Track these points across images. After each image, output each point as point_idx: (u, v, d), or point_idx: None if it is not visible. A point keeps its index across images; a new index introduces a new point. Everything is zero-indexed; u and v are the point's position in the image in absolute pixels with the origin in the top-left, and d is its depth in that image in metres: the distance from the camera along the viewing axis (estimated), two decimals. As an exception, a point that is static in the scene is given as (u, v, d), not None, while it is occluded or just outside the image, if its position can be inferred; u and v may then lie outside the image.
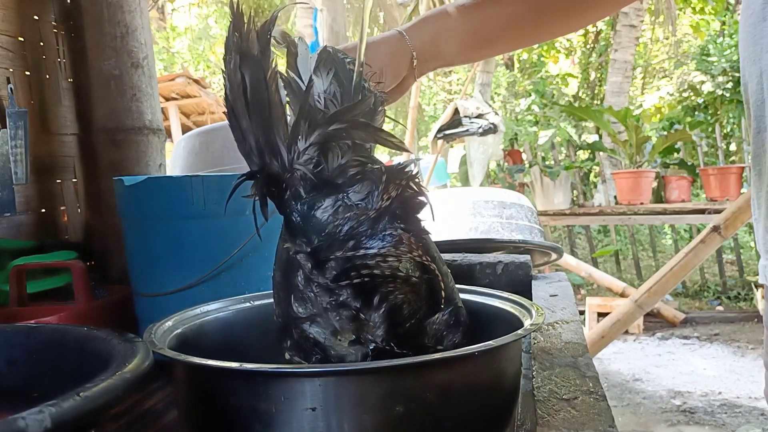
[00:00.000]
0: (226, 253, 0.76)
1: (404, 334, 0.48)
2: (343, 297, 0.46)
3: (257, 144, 0.46)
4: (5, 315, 0.86)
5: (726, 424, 2.94)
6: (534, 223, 1.22)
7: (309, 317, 0.47)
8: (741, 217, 2.76)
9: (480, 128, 4.64)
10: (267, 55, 0.45)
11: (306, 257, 0.47)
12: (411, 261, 0.48)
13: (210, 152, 1.10)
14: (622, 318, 2.99)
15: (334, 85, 0.48)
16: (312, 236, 0.46)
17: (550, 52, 10.01)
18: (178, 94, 5.46)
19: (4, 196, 1.03)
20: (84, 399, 0.32)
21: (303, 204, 0.47)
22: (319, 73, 0.48)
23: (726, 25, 8.35)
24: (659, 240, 6.69)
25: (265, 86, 0.45)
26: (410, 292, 0.48)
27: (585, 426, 0.43)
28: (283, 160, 0.46)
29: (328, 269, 0.46)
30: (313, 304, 0.47)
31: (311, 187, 0.46)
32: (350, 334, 0.47)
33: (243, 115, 0.45)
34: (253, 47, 0.45)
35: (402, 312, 0.47)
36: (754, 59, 0.71)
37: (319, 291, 0.47)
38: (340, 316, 0.47)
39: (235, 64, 0.45)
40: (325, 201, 0.47)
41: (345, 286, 0.46)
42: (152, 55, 1.16)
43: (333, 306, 0.47)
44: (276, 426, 0.41)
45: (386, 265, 0.46)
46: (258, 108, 0.45)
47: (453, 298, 0.53)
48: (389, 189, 0.47)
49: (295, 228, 0.47)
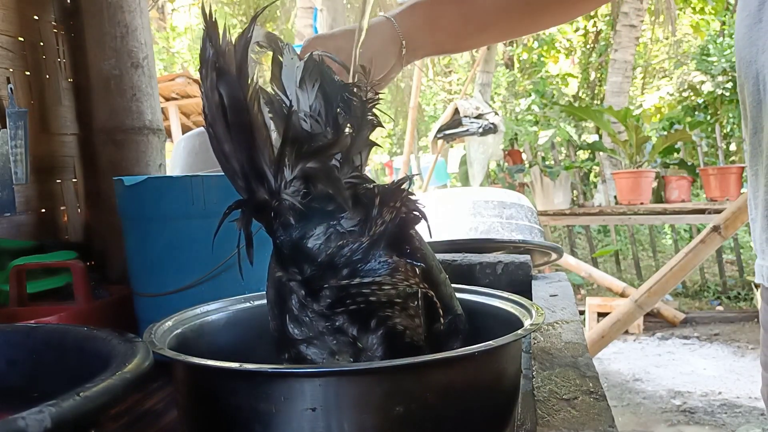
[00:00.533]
0: (226, 253, 0.76)
1: (403, 352, 0.46)
2: (339, 323, 0.45)
3: (242, 169, 0.43)
4: (5, 315, 0.86)
5: (726, 424, 2.94)
6: (534, 223, 1.22)
7: (305, 339, 0.46)
8: (741, 217, 2.76)
9: (480, 128, 4.64)
10: (245, 72, 0.41)
11: (299, 285, 0.45)
12: (408, 288, 0.46)
13: (210, 152, 1.09)
14: (622, 318, 2.99)
15: (319, 100, 0.46)
16: (304, 266, 0.45)
17: (550, 52, 10.00)
18: (178, 94, 5.46)
19: (4, 196, 1.03)
20: (84, 399, 0.32)
21: (293, 233, 0.45)
22: (305, 87, 0.45)
23: (726, 25, 8.35)
24: (659, 240, 6.69)
25: (246, 108, 0.41)
26: (407, 317, 0.47)
27: (585, 426, 0.43)
28: (270, 186, 0.43)
29: (323, 297, 0.45)
30: (308, 327, 0.46)
31: (300, 216, 0.45)
32: (348, 357, 0.46)
33: (224, 138, 0.42)
34: (230, 64, 0.41)
35: (399, 334, 0.47)
36: (751, 60, 0.71)
37: (314, 316, 0.45)
38: (338, 341, 0.46)
39: (212, 82, 0.41)
40: (316, 229, 0.45)
41: (341, 312, 0.45)
42: (152, 55, 1.16)
43: (329, 330, 0.46)
44: (276, 426, 0.41)
45: (382, 293, 0.45)
46: (239, 131, 0.42)
47: (452, 307, 0.52)
48: (383, 213, 0.45)
49: (287, 257, 0.46)
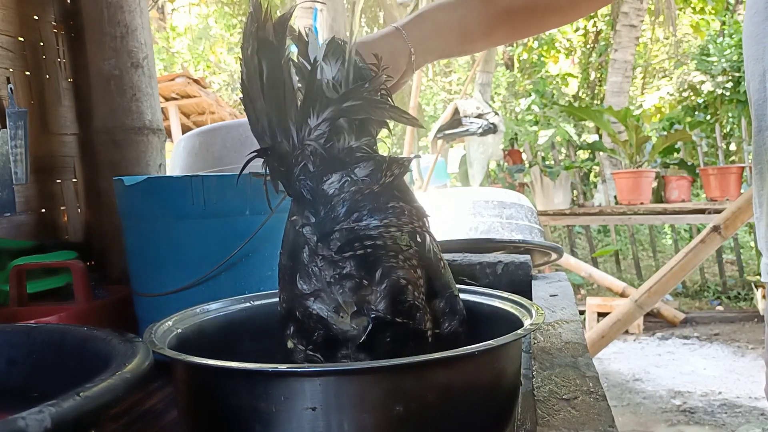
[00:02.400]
0: (226, 253, 0.76)
1: (404, 311, 0.49)
2: (346, 269, 0.48)
3: (270, 124, 0.48)
4: (5, 315, 0.86)
5: (726, 424, 2.94)
6: (534, 223, 1.22)
7: (313, 293, 0.49)
8: (741, 217, 2.76)
9: (480, 128, 4.64)
10: (283, 42, 0.48)
11: (312, 230, 0.49)
12: (413, 233, 0.50)
13: (210, 152, 1.10)
14: (622, 318, 2.99)
15: (342, 72, 0.50)
16: (319, 207, 0.49)
17: (550, 52, 10.00)
18: (178, 94, 5.46)
19: (4, 196, 1.03)
20: (84, 399, 0.32)
21: (311, 177, 0.49)
22: (328, 61, 0.50)
23: (726, 25, 8.34)
24: (659, 240, 6.69)
25: (281, 69, 0.48)
26: (410, 268, 0.50)
27: (585, 426, 0.43)
28: (293, 140, 0.49)
29: (333, 240, 0.48)
30: (317, 278, 0.49)
31: (320, 162, 0.49)
32: (352, 306, 0.48)
33: (258, 96, 0.48)
34: (269, 34, 0.48)
35: (402, 288, 0.49)
36: (757, 58, 0.71)
37: (323, 265, 0.49)
38: (343, 289, 0.48)
39: (253, 49, 0.48)
40: (332, 176, 0.49)
41: (348, 257, 0.48)
42: (152, 55, 1.16)
43: (336, 279, 0.48)
44: (276, 426, 0.41)
45: (388, 235, 0.49)
46: (272, 88, 0.48)
47: (449, 285, 0.54)
48: (392, 167, 0.50)
49: (303, 200, 0.50)
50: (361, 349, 0.48)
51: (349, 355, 0.49)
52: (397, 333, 0.49)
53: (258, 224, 0.76)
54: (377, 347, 0.48)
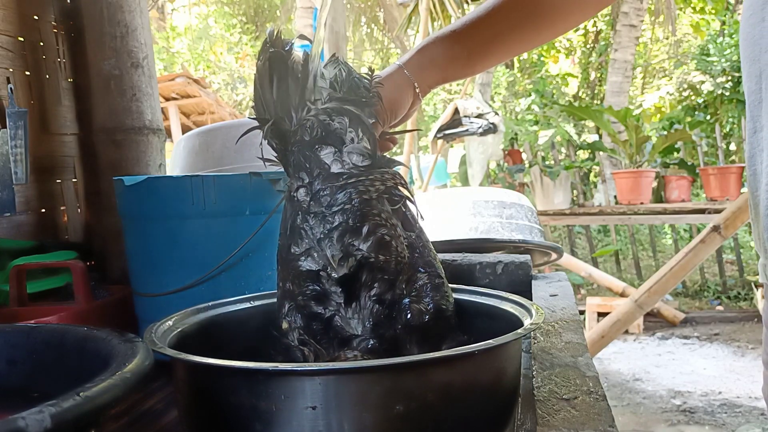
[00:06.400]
0: (226, 253, 0.76)
1: (387, 270, 0.53)
2: (335, 223, 0.53)
3: (275, 112, 0.56)
4: (5, 315, 0.86)
5: (726, 423, 2.94)
6: (534, 223, 1.22)
7: (304, 252, 0.53)
8: (741, 216, 2.76)
9: (480, 128, 4.64)
10: (289, 51, 0.57)
11: (306, 191, 0.54)
12: (396, 190, 0.56)
13: (210, 152, 1.10)
14: (622, 318, 2.99)
15: (339, 73, 0.57)
16: (313, 167, 0.54)
17: (550, 52, 10.00)
18: (178, 94, 5.46)
19: (4, 196, 1.03)
20: (84, 399, 0.32)
21: (307, 146, 0.55)
22: (328, 67, 0.57)
23: (726, 25, 8.34)
24: (659, 240, 6.69)
25: (288, 67, 0.56)
26: (391, 227, 0.55)
27: (585, 426, 0.43)
28: (293, 120, 0.55)
29: (324, 197, 0.54)
30: (308, 237, 0.53)
31: (317, 134, 0.55)
32: (339, 252, 0.52)
33: (268, 88, 0.56)
34: (279, 46, 0.56)
35: (386, 244, 0.54)
36: (754, 59, 0.71)
37: (314, 223, 0.53)
38: (332, 242, 0.52)
39: (265, 55, 0.56)
40: (326, 148, 0.55)
41: (337, 212, 0.53)
42: (152, 55, 1.16)
43: (326, 234, 0.53)
44: (276, 425, 0.41)
45: (374, 188, 0.54)
46: (281, 81, 0.55)
47: (433, 265, 0.58)
48: (383, 150, 0.56)
49: (298, 164, 0.55)
50: (343, 286, 0.52)
51: (338, 311, 0.52)
52: (381, 273, 0.53)
53: (258, 224, 0.76)
54: (362, 287, 0.52)
